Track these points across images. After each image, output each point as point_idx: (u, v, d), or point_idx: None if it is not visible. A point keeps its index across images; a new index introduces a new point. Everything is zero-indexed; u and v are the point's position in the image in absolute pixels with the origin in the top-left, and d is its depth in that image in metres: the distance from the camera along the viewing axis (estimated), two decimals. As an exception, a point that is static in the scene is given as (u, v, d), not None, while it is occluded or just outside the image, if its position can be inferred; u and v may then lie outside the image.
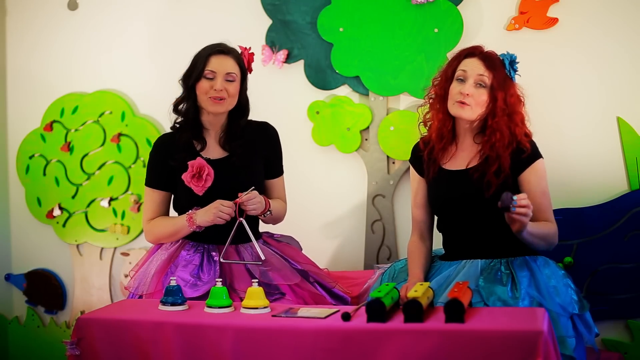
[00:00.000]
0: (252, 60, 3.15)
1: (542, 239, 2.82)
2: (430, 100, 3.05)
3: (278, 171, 3.21)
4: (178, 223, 3.04)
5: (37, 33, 4.15)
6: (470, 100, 2.89)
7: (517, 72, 2.97)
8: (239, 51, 3.11)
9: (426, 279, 2.96)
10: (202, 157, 3.05)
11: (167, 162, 3.08)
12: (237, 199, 2.95)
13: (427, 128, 3.08)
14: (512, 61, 2.95)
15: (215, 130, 3.12)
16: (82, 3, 4.08)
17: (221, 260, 2.98)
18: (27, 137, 4.15)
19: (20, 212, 4.20)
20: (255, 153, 3.12)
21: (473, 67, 2.91)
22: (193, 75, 3.05)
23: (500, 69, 2.91)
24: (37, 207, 4.15)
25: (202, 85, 3.04)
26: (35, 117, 4.13)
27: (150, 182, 3.14)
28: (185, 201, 3.07)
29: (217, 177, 3.02)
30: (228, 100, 3.04)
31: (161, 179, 3.11)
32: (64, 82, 4.11)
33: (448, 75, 2.97)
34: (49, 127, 4.10)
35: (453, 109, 2.93)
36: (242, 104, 3.11)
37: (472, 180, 2.91)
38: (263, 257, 2.96)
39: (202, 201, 3.01)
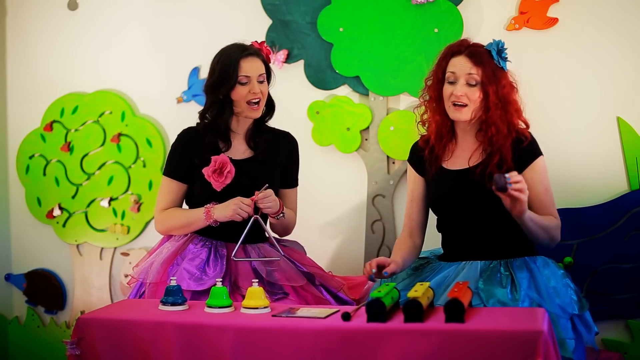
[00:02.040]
0: (270, 52, 3.20)
1: (544, 229, 2.83)
2: (425, 102, 3.04)
3: (293, 182, 3.24)
4: (193, 215, 3.05)
5: (37, 33, 4.15)
6: (465, 100, 2.88)
7: (507, 60, 2.93)
8: (256, 47, 3.14)
9: (405, 268, 2.95)
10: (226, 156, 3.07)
11: (189, 154, 3.09)
12: (254, 197, 2.96)
13: (425, 128, 3.08)
14: (500, 50, 2.91)
15: (242, 132, 3.15)
16: (82, 3, 4.08)
17: (234, 258, 2.99)
18: (27, 137, 4.15)
19: (20, 212, 4.20)
20: (276, 158, 3.16)
21: (461, 67, 2.89)
22: (226, 82, 3.04)
23: (489, 61, 2.89)
24: (37, 207, 4.15)
25: (240, 92, 3.05)
26: (35, 117, 4.13)
27: (170, 173, 3.15)
28: (201, 196, 3.08)
29: (237, 177, 3.03)
30: (262, 101, 3.09)
31: (181, 170, 3.12)
32: (64, 82, 4.11)
33: (439, 77, 2.96)
34: (49, 127, 4.10)
35: (450, 112, 2.92)
36: (269, 100, 3.16)
37: (475, 178, 2.91)
38: (282, 253, 3.01)
39: (219, 198, 3.03)
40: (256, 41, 3.16)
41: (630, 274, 3.37)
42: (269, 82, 3.14)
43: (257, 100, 3.06)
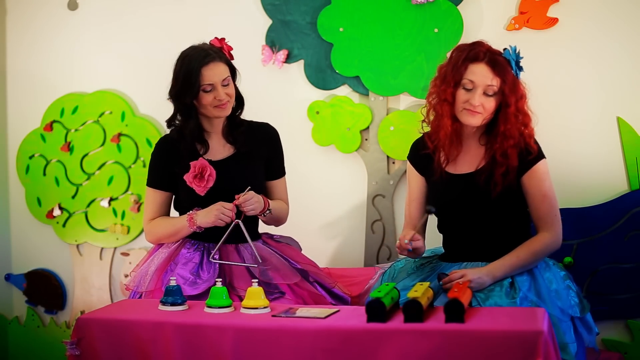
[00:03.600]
0: (231, 49, 3.13)
1: (527, 264, 2.84)
2: (434, 104, 3.00)
3: (279, 172, 3.20)
4: (178, 223, 3.05)
5: (37, 33, 4.15)
6: (480, 109, 2.85)
7: (522, 70, 2.92)
8: (216, 47, 3.09)
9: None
10: (205, 159, 3.05)
11: (168, 162, 3.09)
12: (235, 201, 2.95)
13: (429, 126, 3.05)
14: (518, 61, 2.89)
15: (217, 131, 3.12)
16: (82, 3, 4.07)
17: (211, 260, 2.98)
18: (27, 137, 4.15)
19: (20, 212, 4.20)
20: (257, 153, 3.13)
21: (482, 77, 2.85)
22: (189, 92, 3.01)
23: (509, 72, 2.86)
24: (37, 207, 4.15)
25: (205, 98, 3.01)
26: (35, 117, 4.13)
27: (152, 183, 3.14)
28: (187, 202, 3.08)
29: (219, 178, 3.02)
30: (230, 101, 3.05)
31: (163, 179, 3.11)
32: (64, 82, 4.10)
33: (456, 80, 2.88)
34: (49, 127, 4.10)
35: (462, 116, 2.88)
36: (238, 96, 3.12)
37: (479, 183, 2.89)
38: (260, 260, 2.97)
39: (204, 201, 3.02)
40: (216, 38, 3.11)
41: (630, 274, 3.37)
42: (234, 80, 3.10)
43: (223, 103, 3.03)
